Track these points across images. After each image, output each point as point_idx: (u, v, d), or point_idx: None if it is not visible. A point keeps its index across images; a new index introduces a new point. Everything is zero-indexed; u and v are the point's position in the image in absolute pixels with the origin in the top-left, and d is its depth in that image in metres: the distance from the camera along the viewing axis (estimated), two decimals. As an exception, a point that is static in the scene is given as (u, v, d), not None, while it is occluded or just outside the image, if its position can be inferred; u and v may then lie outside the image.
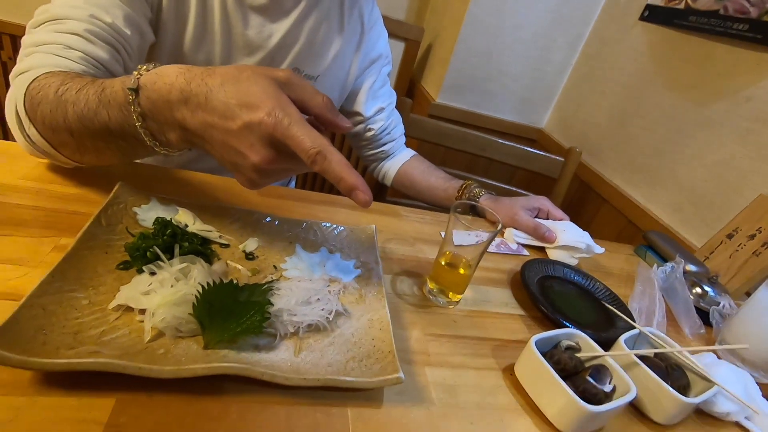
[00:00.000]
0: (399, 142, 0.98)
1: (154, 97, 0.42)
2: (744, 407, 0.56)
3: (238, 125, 0.39)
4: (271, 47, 0.75)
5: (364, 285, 0.57)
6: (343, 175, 0.40)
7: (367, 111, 0.90)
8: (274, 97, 0.39)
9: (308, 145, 0.38)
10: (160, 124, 0.44)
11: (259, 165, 0.40)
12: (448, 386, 0.49)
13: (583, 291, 0.75)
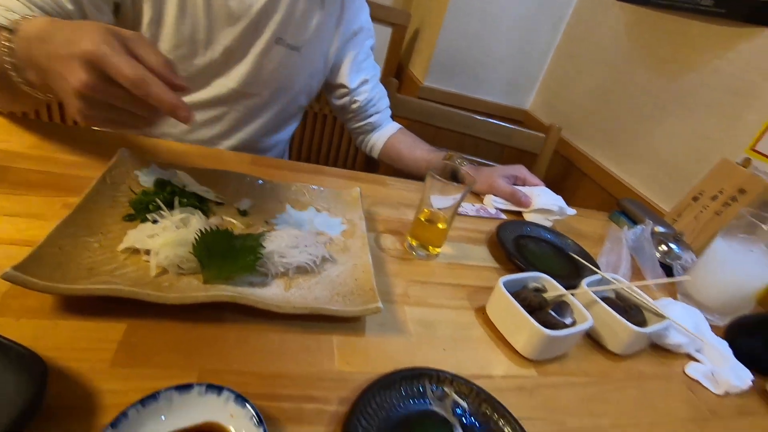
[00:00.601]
0: (385, 114, 1.02)
1: (22, 35, 0.48)
2: (694, 340, 0.62)
3: (66, 52, 0.43)
4: (253, 15, 0.77)
5: (349, 237, 0.62)
6: (164, 97, 0.42)
7: (351, 83, 0.94)
8: (104, 37, 0.42)
9: (128, 71, 0.41)
10: (23, 61, 0.50)
11: (79, 89, 0.42)
12: (425, 322, 0.55)
13: (555, 248, 0.80)
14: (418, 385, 0.44)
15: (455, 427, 0.42)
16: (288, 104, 0.89)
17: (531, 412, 0.47)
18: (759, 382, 0.62)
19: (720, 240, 0.73)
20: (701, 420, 0.54)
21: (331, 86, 0.97)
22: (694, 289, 0.75)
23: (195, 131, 0.84)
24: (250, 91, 0.82)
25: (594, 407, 0.50)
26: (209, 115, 0.82)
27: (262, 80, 0.82)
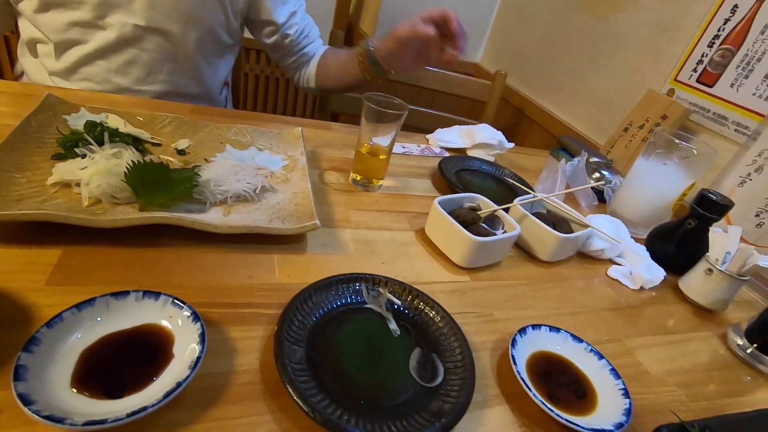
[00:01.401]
0: (317, 43, 0.98)
1: None
2: (615, 245, 0.68)
3: None
4: None
5: (291, 171, 0.64)
6: None
7: (279, 17, 0.88)
8: None
9: None
10: None
11: None
12: (365, 241, 0.58)
13: (494, 178, 0.85)
14: (354, 286, 0.47)
15: (389, 320, 0.45)
16: (208, 42, 0.84)
17: (462, 308, 0.51)
18: (671, 278, 0.69)
19: (640, 159, 0.79)
20: (617, 309, 0.60)
21: (257, 24, 0.91)
22: (620, 206, 0.82)
23: (110, 79, 0.78)
24: (158, 27, 0.76)
25: (520, 303, 0.55)
26: (121, 59, 0.76)
27: (166, 12, 0.75)
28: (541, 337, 0.47)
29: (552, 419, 0.39)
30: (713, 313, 0.65)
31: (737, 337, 0.58)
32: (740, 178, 0.77)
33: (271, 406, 0.35)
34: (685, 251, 0.69)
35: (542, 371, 0.44)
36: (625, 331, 0.56)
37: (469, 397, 0.38)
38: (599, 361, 0.46)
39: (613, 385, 0.44)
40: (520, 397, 0.42)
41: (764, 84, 0.83)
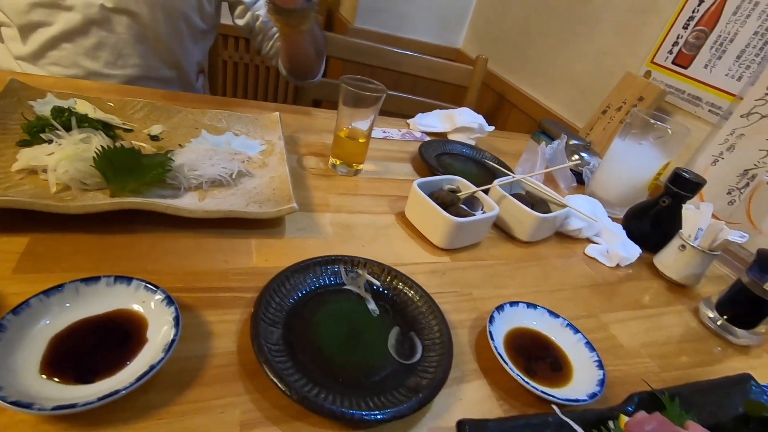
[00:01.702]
0: None
1: None
2: (592, 224, 0.69)
3: None
4: None
5: (268, 155, 0.63)
6: None
7: None
8: None
9: None
10: None
11: None
12: (345, 224, 0.58)
13: (474, 161, 0.85)
14: (333, 268, 0.47)
15: (368, 301, 0.45)
16: (179, 25, 0.81)
17: (441, 288, 0.52)
18: (646, 256, 0.70)
19: (617, 140, 0.80)
20: (594, 286, 0.61)
21: (230, 5, 0.90)
22: (597, 186, 0.83)
23: (79, 63, 0.75)
24: (125, 8, 0.73)
25: (499, 281, 0.56)
26: (89, 42, 0.73)
27: None
28: (518, 314, 0.48)
29: (528, 391, 0.40)
30: (686, 288, 0.67)
31: (708, 310, 0.60)
32: (713, 157, 0.79)
33: (248, 386, 0.35)
34: (659, 229, 0.70)
35: (519, 346, 0.45)
36: (601, 307, 0.57)
37: (446, 373, 0.38)
38: (575, 335, 0.47)
39: (588, 358, 0.45)
40: (498, 371, 0.42)
41: (736, 65, 0.84)
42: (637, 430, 0.32)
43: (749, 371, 0.48)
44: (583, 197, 0.72)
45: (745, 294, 0.57)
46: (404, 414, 0.34)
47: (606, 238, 0.70)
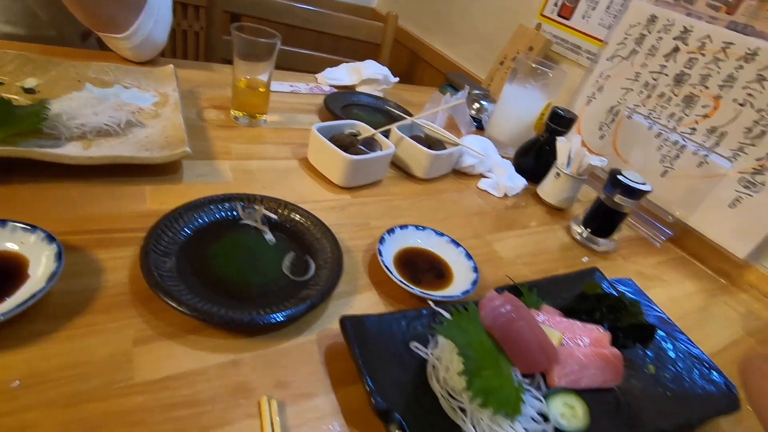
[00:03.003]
0: None
1: None
2: (483, 161, 0.76)
3: None
4: None
5: (162, 107, 0.62)
6: None
7: None
8: None
9: None
10: None
11: None
12: (246, 170, 0.59)
13: (381, 112, 0.89)
14: (229, 205, 0.49)
15: (264, 232, 0.48)
16: None
17: (340, 220, 0.56)
18: (532, 187, 0.79)
19: (506, 85, 0.87)
20: (483, 213, 0.69)
21: None
22: (492, 129, 0.91)
23: None
24: None
25: (396, 213, 0.61)
26: None
27: None
28: (408, 235, 0.53)
29: (412, 295, 0.46)
30: (563, 211, 0.77)
31: (577, 226, 0.70)
32: (587, 98, 0.89)
33: (141, 311, 0.37)
34: (541, 162, 0.79)
35: (407, 262, 0.51)
36: (487, 230, 0.65)
37: (335, 282, 0.43)
38: (456, 248, 0.53)
39: (466, 266, 0.52)
40: (387, 283, 0.47)
41: (606, 14, 0.94)
42: (488, 306, 0.39)
43: (604, 270, 0.58)
44: (475, 137, 0.79)
45: (603, 208, 0.67)
46: (295, 316, 0.38)
47: (497, 173, 0.78)
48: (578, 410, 0.36)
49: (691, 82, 0.73)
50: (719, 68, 0.69)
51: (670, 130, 0.76)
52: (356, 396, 0.35)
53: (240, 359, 0.36)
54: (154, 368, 0.33)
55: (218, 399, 0.32)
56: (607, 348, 0.43)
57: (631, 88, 0.82)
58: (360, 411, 0.34)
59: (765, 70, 0.64)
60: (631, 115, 0.80)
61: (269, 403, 0.33)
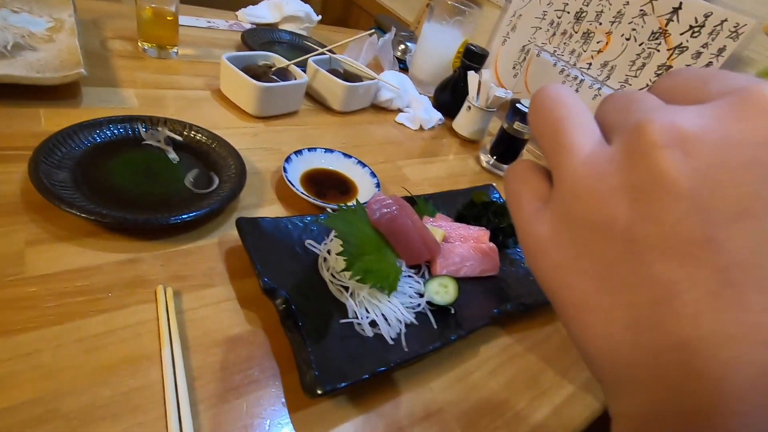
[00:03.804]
0: None
1: None
2: (401, 96, 0.79)
3: None
4: None
5: (56, 32, 0.59)
6: None
7: None
8: None
9: None
10: None
11: None
12: (154, 98, 0.59)
13: (303, 50, 0.89)
14: (129, 126, 0.49)
15: (168, 151, 0.49)
16: None
17: (252, 145, 0.57)
18: (449, 122, 0.84)
19: (425, 23, 0.89)
20: (397, 143, 0.72)
21: None
22: (414, 68, 0.94)
23: None
24: None
25: (310, 140, 0.63)
26: None
27: None
28: (316, 157, 0.56)
29: (316, 207, 0.49)
30: (475, 143, 0.82)
31: (484, 155, 0.76)
32: (503, 38, 0.94)
33: (33, 216, 0.38)
34: (457, 97, 0.83)
35: (314, 180, 0.54)
36: (399, 156, 0.69)
37: (236, 192, 0.45)
38: (363, 168, 0.57)
39: (371, 182, 0.55)
40: (293, 198, 0.50)
41: (522, -46, 0.97)
42: (375, 204, 0.43)
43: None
44: (392, 72, 0.82)
45: (505, 136, 0.73)
46: (194, 219, 0.40)
47: (414, 107, 0.81)
48: (450, 288, 0.42)
49: (588, 18, 0.79)
50: (610, 4, 0.75)
51: (571, 66, 0.82)
52: (252, 286, 0.39)
53: (138, 257, 0.38)
54: (48, 265, 0.35)
55: (114, 288, 0.35)
56: (485, 243, 0.49)
57: (539, 27, 0.87)
58: (254, 296, 0.38)
59: (646, 5, 0.71)
60: (540, 53, 0.85)
61: (165, 291, 0.36)
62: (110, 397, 0.29)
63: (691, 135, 0.11)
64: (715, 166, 0.10)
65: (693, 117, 0.11)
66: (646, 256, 0.11)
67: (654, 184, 0.11)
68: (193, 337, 0.34)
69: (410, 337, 0.38)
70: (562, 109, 0.14)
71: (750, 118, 0.10)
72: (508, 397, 0.39)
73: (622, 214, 0.11)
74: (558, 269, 0.13)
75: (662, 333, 0.10)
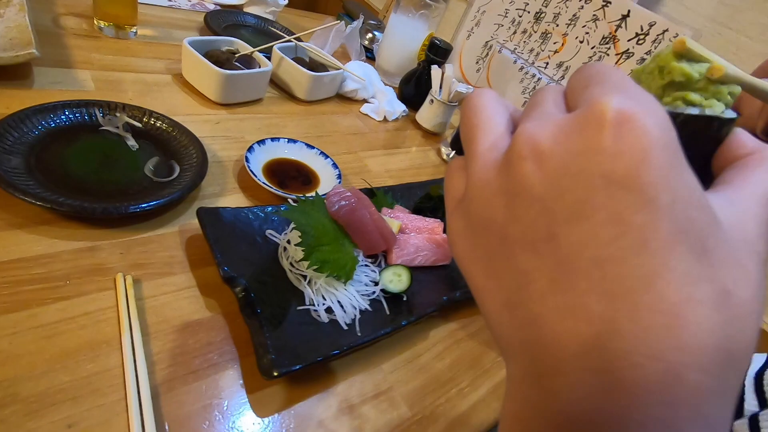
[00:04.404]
0: None
1: None
2: (366, 86, 0.81)
3: None
4: None
5: (4, 7, 0.56)
6: None
7: None
8: None
9: None
10: None
11: None
12: (110, 80, 0.57)
13: (269, 35, 0.88)
14: (86, 111, 0.48)
15: (127, 138, 0.49)
16: None
17: (213, 133, 0.57)
18: (411, 113, 0.86)
19: (392, 14, 0.90)
20: (360, 134, 0.74)
21: None
22: (381, 59, 0.95)
23: None
24: None
25: (273, 130, 0.64)
26: None
27: None
28: (279, 147, 0.57)
29: (278, 197, 0.50)
30: (438, 136, 0.85)
31: (445, 148, 0.79)
32: (467, 32, 0.96)
33: (-15, 203, 0.37)
34: (421, 90, 0.86)
35: (276, 170, 0.55)
36: (362, 147, 0.71)
37: (196, 182, 0.46)
38: (325, 159, 0.59)
39: (332, 174, 0.57)
40: (255, 188, 0.52)
41: (489, -50, 0.99)
42: (334, 196, 0.45)
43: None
44: (358, 63, 0.83)
45: (465, 130, 0.76)
46: (153, 208, 0.41)
47: (378, 98, 0.83)
48: (404, 277, 0.45)
49: (546, 19, 0.82)
50: (567, 8, 0.79)
51: (530, 65, 0.85)
52: (212, 274, 0.40)
53: (97, 245, 0.38)
54: (1, 253, 0.35)
55: (72, 276, 0.35)
56: (439, 234, 0.52)
57: (502, 24, 0.90)
58: (214, 284, 0.39)
59: (599, 10, 0.75)
60: (501, 50, 0.88)
61: (124, 278, 0.36)
62: (69, 382, 0.30)
63: (545, 147, 0.13)
64: (560, 175, 0.12)
65: (551, 129, 0.13)
66: (514, 250, 0.13)
67: (517, 189, 0.13)
68: (153, 323, 0.35)
69: (364, 322, 0.40)
70: (474, 118, 0.16)
71: (585, 132, 0.12)
72: (452, 376, 0.42)
73: (500, 215, 0.14)
74: (464, 258, 0.16)
75: (523, 311, 0.13)
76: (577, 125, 0.12)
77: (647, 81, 0.16)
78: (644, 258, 0.11)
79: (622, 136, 0.11)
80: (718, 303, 0.11)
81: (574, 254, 0.12)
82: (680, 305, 0.11)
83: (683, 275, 0.11)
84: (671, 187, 0.11)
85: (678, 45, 0.15)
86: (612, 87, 0.13)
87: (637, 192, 0.11)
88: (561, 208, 0.12)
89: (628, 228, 0.11)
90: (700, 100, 0.15)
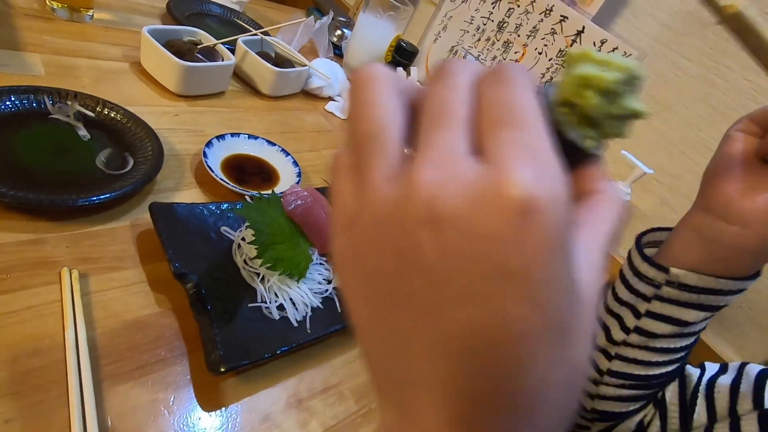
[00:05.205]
0: None
1: None
2: (331, 84, 0.81)
3: None
4: None
5: (-55, -19, 0.53)
6: None
7: None
8: None
9: None
10: None
11: None
12: (63, 66, 0.55)
13: (235, 26, 0.87)
14: (35, 98, 0.46)
15: (78, 128, 0.47)
16: None
17: (172, 125, 0.57)
18: (377, 113, 0.87)
19: (361, 13, 0.91)
20: (325, 132, 0.75)
21: None
22: (349, 56, 0.95)
23: None
24: None
25: (234, 125, 0.64)
26: None
27: None
28: (239, 143, 0.57)
29: (236, 194, 0.51)
30: (401, 137, 0.87)
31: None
32: (434, 36, 0.98)
33: None
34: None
35: (235, 166, 0.55)
36: (325, 145, 0.71)
37: (151, 176, 0.45)
38: (286, 157, 0.59)
39: (293, 171, 0.58)
40: (213, 183, 0.51)
41: (458, -44, 1.02)
42: (291, 196, 0.46)
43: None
44: (324, 60, 0.83)
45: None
46: (103, 201, 0.40)
47: (344, 97, 0.84)
48: (357, 276, 0.46)
49: (509, 29, 0.86)
50: (528, 19, 0.82)
51: (492, 72, 0.88)
52: (163, 269, 0.40)
53: (42, 238, 0.38)
54: (-63, 243, 0.34)
55: (14, 270, 0.35)
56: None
57: (467, 30, 0.92)
58: (165, 279, 0.39)
59: (557, 24, 0.79)
60: (465, 56, 0.91)
61: (70, 273, 0.36)
62: (9, 377, 0.29)
63: (445, 215, 0.12)
64: (454, 252, 0.12)
65: (453, 193, 0.12)
66: (398, 308, 0.13)
67: (408, 255, 0.12)
68: (100, 318, 0.35)
69: (315, 319, 0.42)
70: (366, 123, 0.14)
71: (487, 212, 0.11)
72: (400, 371, 0.44)
73: (390, 266, 0.13)
74: (349, 291, 0.15)
75: (401, 373, 0.14)
76: (482, 200, 0.12)
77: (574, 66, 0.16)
78: (515, 348, 0.12)
79: (523, 229, 0.11)
80: (568, 382, 0.13)
81: (453, 335, 0.12)
82: (538, 390, 0.12)
83: (545, 364, 0.12)
84: (553, 287, 0.12)
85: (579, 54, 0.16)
86: (524, 149, 0.12)
87: (523, 288, 0.11)
88: (449, 286, 0.12)
89: (506, 320, 0.12)
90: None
